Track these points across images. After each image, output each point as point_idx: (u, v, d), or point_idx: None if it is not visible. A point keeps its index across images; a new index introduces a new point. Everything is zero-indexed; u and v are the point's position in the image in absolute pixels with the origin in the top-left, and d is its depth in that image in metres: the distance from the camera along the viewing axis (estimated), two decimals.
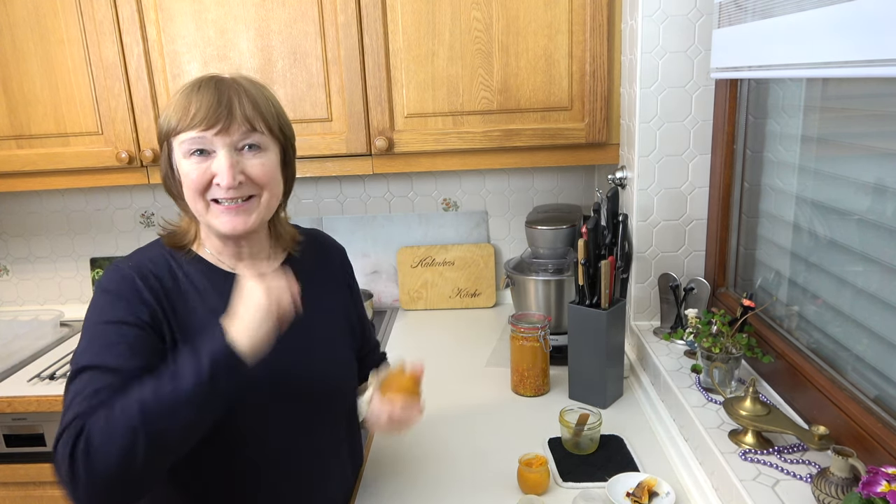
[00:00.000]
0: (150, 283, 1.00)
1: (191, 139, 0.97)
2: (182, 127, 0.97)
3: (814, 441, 1.01)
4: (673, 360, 1.45)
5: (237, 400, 0.92)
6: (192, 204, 1.01)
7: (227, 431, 0.98)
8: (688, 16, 1.50)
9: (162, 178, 1.06)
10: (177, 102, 0.99)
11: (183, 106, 0.98)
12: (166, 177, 1.05)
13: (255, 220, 1.02)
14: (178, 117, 0.98)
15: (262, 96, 1.02)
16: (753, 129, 1.46)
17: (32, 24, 1.74)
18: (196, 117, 0.97)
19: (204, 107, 0.97)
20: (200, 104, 0.97)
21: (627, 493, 1.11)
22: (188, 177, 0.99)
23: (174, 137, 0.99)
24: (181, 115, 0.97)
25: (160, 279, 1.02)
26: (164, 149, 1.03)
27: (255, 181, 1.01)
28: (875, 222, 1.06)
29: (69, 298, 2.34)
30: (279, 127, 1.04)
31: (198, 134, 0.97)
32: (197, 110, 0.97)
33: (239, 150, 0.99)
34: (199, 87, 0.99)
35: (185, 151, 0.99)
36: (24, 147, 1.83)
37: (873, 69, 0.85)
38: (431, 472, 1.27)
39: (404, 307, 2.22)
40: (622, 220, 1.47)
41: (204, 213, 1.01)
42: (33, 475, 1.77)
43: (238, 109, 0.98)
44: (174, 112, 0.98)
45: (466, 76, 1.73)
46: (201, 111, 0.97)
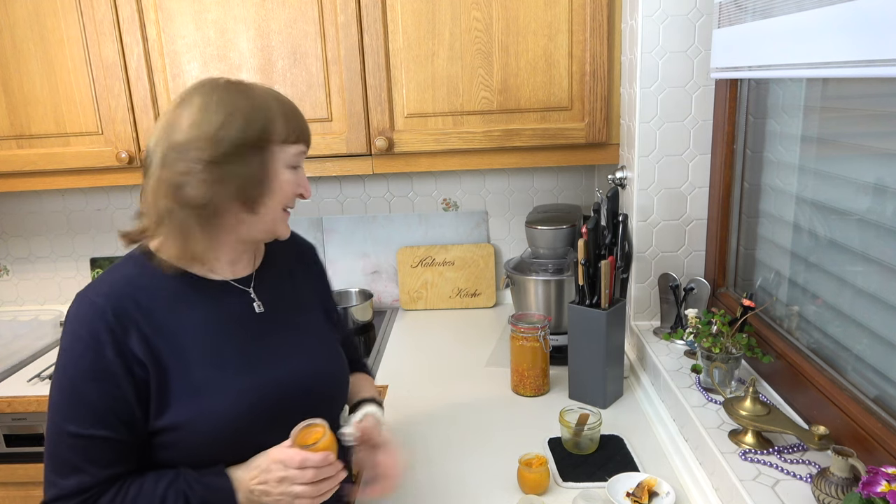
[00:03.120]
0: (127, 313, 0.94)
1: (300, 152, 1.01)
2: (292, 138, 1.00)
3: (814, 441, 1.01)
4: (673, 360, 1.45)
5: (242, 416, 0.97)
6: (272, 212, 1.00)
7: (235, 448, 0.98)
8: (688, 16, 1.50)
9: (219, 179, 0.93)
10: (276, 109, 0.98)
11: (287, 115, 0.99)
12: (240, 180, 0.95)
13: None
14: (288, 127, 0.99)
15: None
16: (753, 129, 1.46)
17: (32, 24, 1.74)
18: (305, 132, 1.02)
19: (306, 123, 1.03)
20: (300, 119, 1.02)
21: (627, 493, 1.11)
22: (288, 186, 1.00)
23: (279, 145, 0.98)
24: (291, 126, 0.99)
25: (139, 302, 0.96)
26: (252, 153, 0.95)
27: None
28: (875, 222, 1.06)
29: (69, 298, 2.33)
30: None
31: (304, 148, 1.03)
32: (304, 126, 1.02)
33: None
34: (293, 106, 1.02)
35: (288, 162, 1.00)
36: (24, 147, 1.83)
37: (873, 69, 0.85)
38: (432, 471, 1.27)
39: (404, 307, 2.22)
40: (622, 220, 1.47)
41: (275, 221, 1.02)
42: (33, 475, 1.77)
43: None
44: (283, 119, 0.98)
45: (466, 76, 1.73)
46: (305, 127, 1.02)
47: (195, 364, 0.97)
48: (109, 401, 0.92)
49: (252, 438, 0.98)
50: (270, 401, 1.00)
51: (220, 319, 1.01)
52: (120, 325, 0.93)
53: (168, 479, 0.94)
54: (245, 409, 0.97)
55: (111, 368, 0.91)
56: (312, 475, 0.93)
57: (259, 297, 1.07)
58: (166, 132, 0.94)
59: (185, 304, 0.99)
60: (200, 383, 0.96)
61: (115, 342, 0.92)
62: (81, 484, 0.91)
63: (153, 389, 0.94)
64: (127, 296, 0.95)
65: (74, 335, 0.93)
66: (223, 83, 0.97)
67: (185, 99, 0.95)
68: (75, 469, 0.91)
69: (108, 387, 0.92)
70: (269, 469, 0.93)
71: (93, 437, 0.91)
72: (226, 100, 0.94)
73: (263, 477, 0.94)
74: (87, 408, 0.91)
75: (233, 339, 1.01)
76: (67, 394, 0.92)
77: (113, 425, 0.92)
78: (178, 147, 0.92)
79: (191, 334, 0.98)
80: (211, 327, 1.00)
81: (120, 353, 0.92)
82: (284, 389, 1.02)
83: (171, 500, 0.92)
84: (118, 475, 0.94)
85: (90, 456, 0.92)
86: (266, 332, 1.05)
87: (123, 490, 0.93)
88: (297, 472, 0.92)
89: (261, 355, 1.03)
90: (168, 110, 0.96)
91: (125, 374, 0.92)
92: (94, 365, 0.91)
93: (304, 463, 0.92)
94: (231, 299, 1.04)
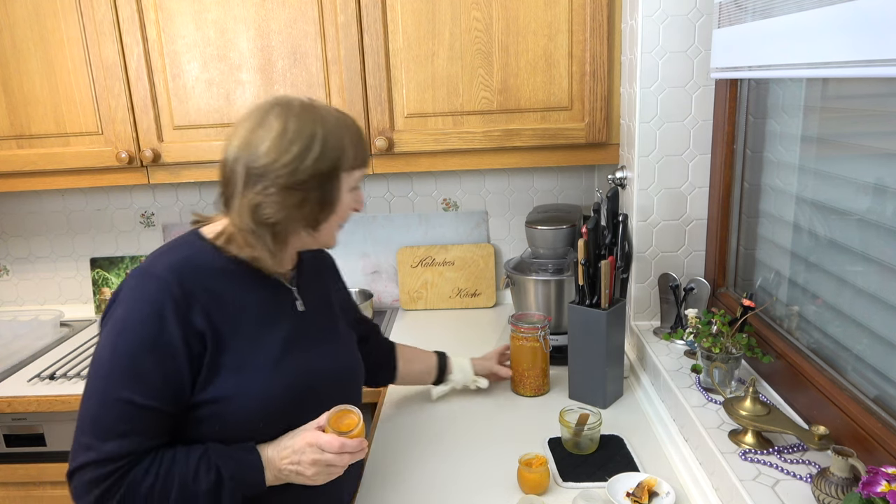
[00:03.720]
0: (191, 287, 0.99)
1: (362, 174, 1.11)
2: (357, 164, 1.08)
3: (814, 441, 1.01)
4: (673, 360, 1.45)
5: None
6: (331, 229, 1.10)
7: (270, 427, 1.04)
8: (688, 16, 1.50)
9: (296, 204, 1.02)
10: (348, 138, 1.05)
11: (355, 142, 1.07)
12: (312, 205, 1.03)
13: None
14: (356, 154, 1.07)
15: None
16: (753, 129, 1.46)
17: (32, 24, 1.74)
18: (367, 155, 1.11)
19: (367, 145, 1.12)
20: (365, 143, 1.10)
21: (627, 493, 1.11)
22: (348, 207, 1.10)
23: (348, 171, 1.06)
24: (358, 153, 1.07)
25: (203, 277, 1.01)
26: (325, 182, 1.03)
27: None
28: (875, 222, 1.06)
29: (69, 298, 2.34)
30: None
31: (366, 170, 1.12)
32: (367, 149, 1.12)
33: None
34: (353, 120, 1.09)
35: (352, 186, 1.09)
36: (24, 147, 1.83)
37: (873, 69, 0.85)
38: (432, 471, 1.27)
39: (404, 307, 2.22)
40: (622, 220, 1.47)
41: (330, 236, 1.12)
42: (33, 475, 1.77)
43: None
44: (352, 147, 1.06)
45: (466, 76, 1.73)
46: (367, 150, 1.12)
47: (244, 343, 1.03)
48: (165, 373, 0.95)
49: (283, 419, 1.05)
50: (302, 388, 1.07)
51: (267, 309, 1.08)
52: (185, 298, 0.97)
53: (199, 452, 0.98)
54: (281, 391, 1.04)
55: (172, 341, 0.95)
56: (349, 459, 1.02)
57: (300, 296, 1.15)
58: (245, 151, 1.00)
59: (239, 287, 1.05)
60: (246, 362, 1.02)
61: (179, 315, 0.96)
62: (122, 450, 0.94)
63: (206, 363, 0.99)
64: (190, 272, 1.01)
65: (135, 307, 0.97)
66: (298, 107, 1.03)
67: (264, 121, 1.01)
68: (120, 435, 0.93)
69: (166, 359, 0.95)
70: (304, 451, 1.00)
71: (144, 406, 0.94)
72: (302, 128, 1.01)
73: (296, 458, 1.00)
74: (143, 378, 0.94)
75: (277, 329, 1.08)
76: (124, 362, 0.95)
77: (164, 397, 0.96)
78: (259, 171, 1.00)
79: (242, 315, 1.04)
80: (259, 314, 1.07)
81: (182, 325, 0.96)
82: (316, 378, 1.10)
83: (204, 471, 0.97)
84: (155, 447, 0.97)
85: (137, 425, 0.94)
86: (304, 328, 1.13)
87: (157, 461, 0.96)
88: (334, 456, 1.00)
89: (298, 347, 1.10)
90: (245, 126, 1.02)
91: (183, 347, 0.96)
92: (155, 336, 0.95)
93: (343, 448, 1.00)
94: (277, 294, 1.12)
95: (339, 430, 1.02)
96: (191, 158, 1.80)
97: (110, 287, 2.28)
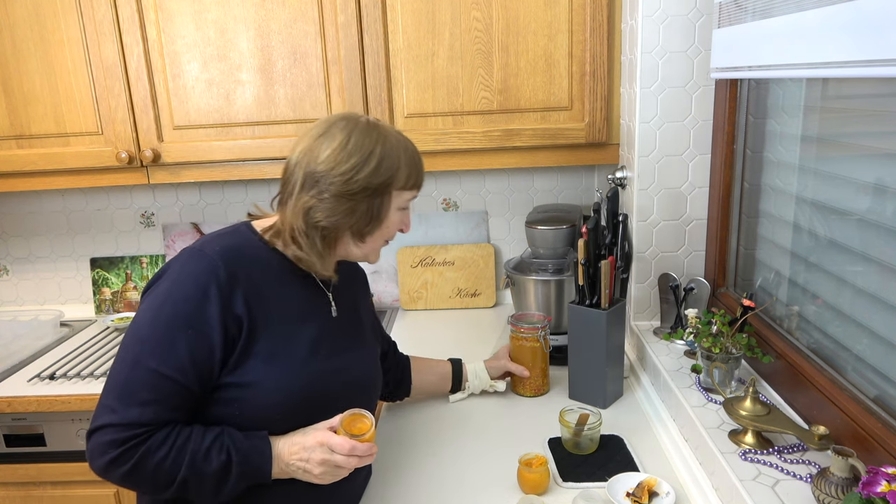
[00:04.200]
0: (237, 272, 1.03)
1: (412, 196, 1.15)
2: (411, 185, 1.13)
3: (814, 441, 1.01)
4: (673, 360, 1.45)
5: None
6: (375, 244, 1.15)
7: (286, 421, 1.07)
8: (688, 16, 1.50)
9: (345, 212, 1.07)
10: (403, 159, 1.10)
11: (410, 165, 1.11)
12: (360, 215, 1.08)
13: None
14: (409, 176, 1.11)
15: None
16: (753, 129, 1.46)
17: (32, 24, 1.74)
18: (421, 179, 1.15)
19: (422, 170, 1.15)
20: (420, 168, 1.14)
21: (627, 493, 1.11)
22: (395, 225, 1.15)
23: (399, 190, 1.11)
24: (412, 175, 1.12)
25: (248, 266, 1.05)
26: (374, 197, 1.08)
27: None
28: (875, 222, 1.06)
29: (69, 298, 2.34)
30: None
31: (417, 193, 1.16)
32: (422, 174, 1.15)
33: None
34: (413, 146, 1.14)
35: (401, 205, 1.14)
36: (24, 147, 1.83)
37: (873, 69, 0.85)
38: (432, 471, 1.27)
39: (404, 307, 2.22)
40: (622, 220, 1.47)
41: (373, 250, 1.16)
42: (33, 475, 1.77)
43: None
44: (406, 169, 1.10)
45: (466, 76, 1.73)
46: (422, 174, 1.15)
47: (277, 335, 1.06)
48: (196, 352, 0.98)
49: (299, 415, 1.07)
50: (326, 388, 1.10)
51: (304, 308, 1.12)
52: (229, 282, 1.01)
53: (215, 432, 1.01)
54: (301, 387, 1.06)
55: (210, 322, 0.99)
56: (357, 462, 1.04)
57: (334, 302, 1.19)
58: (307, 157, 1.06)
59: (280, 282, 1.10)
60: (276, 353, 1.05)
61: (222, 297, 1.00)
62: (143, 417, 0.96)
63: (239, 346, 1.02)
64: (238, 258, 1.05)
65: (182, 281, 1.01)
66: (364, 124, 1.09)
67: (329, 131, 1.07)
68: (142, 402, 0.96)
69: (200, 338, 0.98)
70: (314, 449, 1.02)
71: (170, 378, 0.97)
72: (363, 143, 1.06)
73: (306, 455, 1.02)
74: (174, 351, 0.97)
75: (310, 328, 1.11)
76: (160, 332, 0.98)
77: (191, 375, 0.98)
78: (316, 176, 1.05)
79: (280, 309, 1.08)
80: (296, 311, 1.11)
81: (222, 307, 1.00)
82: (339, 382, 1.13)
83: (216, 451, 0.99)
84: (174, 420, 1.00)
85: (160, 395, 0.97)
86: (335, 332, 1.17)
87: (174, 434, 0.98)
88: (343, 458, 1.02)
89: (327, 349, 1.13)
90: (312, 133, 1.08)
91: (220, 329, 0.99)
92: (194, 314, 0.99)
93: (353, 451, 1.02)
94: (315, 295, 1.16)
95: (351, 433, 1.04)
96: (191, 158, 1.80)
97: (110, 287, 2.28)
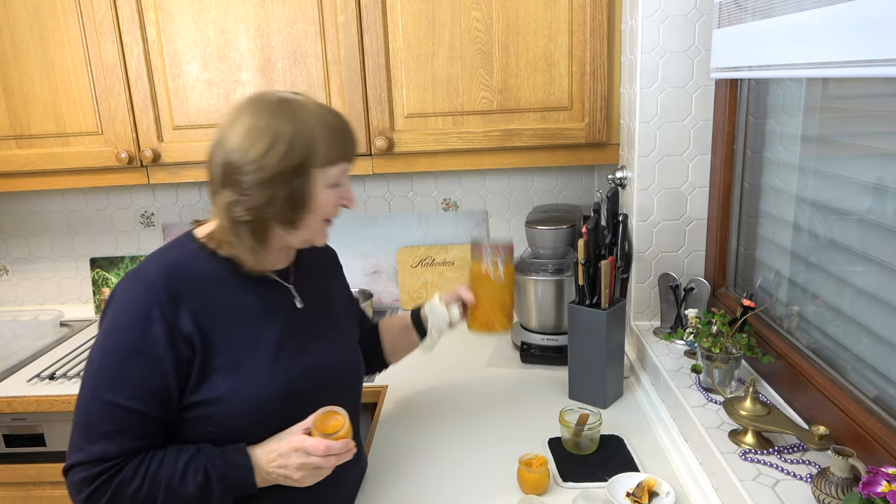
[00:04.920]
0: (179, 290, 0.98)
1: (341, 171, 1.04)
2: (336, 159, 1.03)
3: (814, 441, 1.01)
4: (673, 360, 1.45)
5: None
6: (312, 225, 1.05)
7: (264, 427, 1.03)
8: (688, 16, 1.50)
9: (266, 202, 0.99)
10: (319, 133, 1.00)
11: (331, 138, 1.01)
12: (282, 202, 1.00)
13: None
14: (330, 150, 1.01)
15: None
16: (753, 129, 1.46)
17: (32, 24, 1.74)
18: (348, 151, 1.05)
19: (351, 140, 1.05)
20: (349, 139, 1.05)
21: (627, 493, 1.11)
22: (328, 205, 1.05)
23: (321, 167, 1.01)
24: (334, 147, 1.02)
25: (192, 281, 1.01)
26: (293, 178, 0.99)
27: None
28: (875, 222, 1.06)
29: (69, 298, 2.34)
30: None
31: (347, 165, 1.05)
32: (351, 144, 1.05)
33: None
34: (346, 123, 1.05)
35: (330, 182, 1.03)
36: (24, 147, 1.83)
37: (873, 69, 0.85)
38: (431, 471, 1.27)
39: (404, 307, 2.22)
40: (622, 220, 1.47)
41: (316, 232, 1.08)
42: (33, 475, 1.77)
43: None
44: (323, 143, 1.00)
45: (466, 76, 1.73)
46: (353, 146, 1.05)
47: (237, 344, 1.02)
48: (148, 377, 0.95)
49: (278, 418, 1.03)
50: (299, 386, 1.06)
51: (262, 308, 1.07)
52: (171, 302, 0.97)
53: (189, 453, 0.98)
54: (275, 391, 1.03)
55: (157, 345, 0.95)
56: (335, 461, 1.01)
57: (298, 293, 1.14)
58: (220, 148, 1.00)
59: (231, 288, 1.05)
60: (239, 362, 1.01)
61: (165, 319, 0.96)
62: (106, 452, 0.95)
63: (196, 365, 0.98)
64: (178, 275, 1.00)
65: (123, 310, 0.97)
66: (274, 102, 1.00)
67: (237, 116, 1.00)
68: (104, 436, 0.95)
69: (150, 363, 0.95)
70: (290, 455, 0.99)
71: (126, 408, 0.95)
72: (271, 125, 0.98)
73: (283, 461, 0.99)
74: (126, 380, 0.95)
75: (272, 328, 1.07)
76: (108, 363, 0.96)
77: (147, 401, 0.96)
78: (230, 168, 0.98)
79: (235, 316, 1.03)
80: (254, 314, 1.06)
81: (168, 329, 0.96)
82: (313, 378, 1.09)
83: (192, 474, 0.97)
84: (143, 448, 0.98)
85: (120, 426, 0.95)
86: (302, 326, 1.12)
87: (146, 462, 0.96)
88: (320, 459, 0.99)
89: (295, 345, 1.09)
90: (223, 122, 1.02)
91: (169, 351, 0.96)
92: (140, 340, 0.95)
93: (328, 451, 0.99)
94: (274, 292, 1.10)
95: (325, 433, 1.01)
96: (190, 158, 1.80)
97: (110, 287, 2.28)
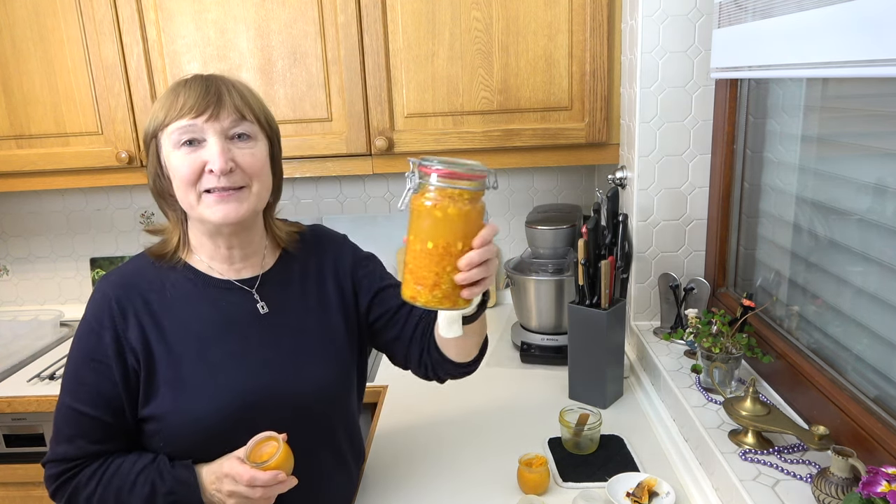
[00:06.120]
0: (130, 302, 1.01)
1: (181, 129, 0.96)
2: (171, 118, 0.96)
3: (814, 441, 1.01)
4: (673, 360, 1.45)
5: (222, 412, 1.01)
6: (184, 197, 0.99)
7: (217, 445, 0.99)
8: (688, 16, 1.50)
9: (151, 180, 1.03)
10: (164, 98, 0.99)
11: (170, 100, 0.98)
12: (156, 177, 1.02)
13: (247, 210, 1.00)
14: (167, 110, 0.97)
15: (249, 90, 1.04)
16: (753, 129, 1.46)
17: (32, 24, 1.74)
18: (185, 106, 0.96)
19: (193, 96, 0.96)
20: (188, 94, 0.97)
21: (627, 493, 1.11)
22: (179, 168, 0.97)
23: (162, 131, 0.98)
24: (169, 108, 0.97)
25: (144, 294, 1.03)
26: (152, 148, 1.01)
27: (245, 170, 0.99)
28: (875, 222, 1.06)
29: (69, 298, 2.34)
30: (266, 120, 1.05)
31: (188, 122, 0.95)
32: (186, 99, 0.96)
33: (229, 139, 0.98)
34: (185, 82, 1.00)
35: (174, 143, 0.97)
36: (24, 147, 1.83)
37: (873, 69, 0.85)
38: (431, 472, 1.27)
39: None
40: (622, 220, 1.47)
41: (195, 206, 0.98)
42: (33, 475, 1.77)
43: (227, 97, 0.98)
44: (161, 107, 0.99)
45: (466, 76, 1.73)
46: (190, 99, 0.96)
47: (185, 359, 1.01)
48: (101, 384, 0.99)
49: (225, 439, 0.99)
50: (244, 407, 1.01)
51: (219, 319, 1.04)
52: (121, 313, 1.00)
53: (144, 463, 1.00)
54: (219, 411, 1.00)
55: (107, 353, 0.99)
56: (261, 493, 0.94)
57: (264, 298, 1.08)
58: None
59: (187, 299, 1.04)
60: (186, 378, 1.00)
61: (115, 328, 1.00)
62: (68, 453, 1.00)
63: (142, 378, 1.00)
64: (133, 286, 1.03)
65: (85, 318, 1.03)
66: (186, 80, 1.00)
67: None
68: (67, 439, 1.00)
69: (101, 370, 0.99)
70: (223, 480, 0.96)
71: (84, 413, 0.99)
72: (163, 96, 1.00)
73: (218, 486, 0.97)
74: (83, 386, 1.00)
75: (227, 340, 1.04)
76: (70, 369, 1.02)
77: (100, 406, 0.99)
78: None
79: (186, 330, 1.02)
80: (208, 326, 1.03)
81: (116, 339, 0.99)
82: (261, 397, 1.02)
83: (140, 485, 0.98)
84: (103, 452, 1.01)
85: (80, 430, 1.00)
86: (268, 334, 1.06)
87: (103, 468, 1.00)
88: (247, 489, 0.94)
89: (251, 360, 1.04)
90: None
91: (117, 360, 0.99)
92: (94, 347, 1.00)
93: (253, 482, 0.93)
94: (234, 299, 1.06)
95: (258, 460, 0.94)
96: None
97: None
